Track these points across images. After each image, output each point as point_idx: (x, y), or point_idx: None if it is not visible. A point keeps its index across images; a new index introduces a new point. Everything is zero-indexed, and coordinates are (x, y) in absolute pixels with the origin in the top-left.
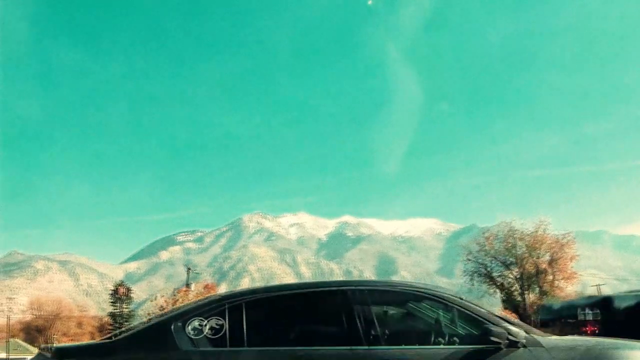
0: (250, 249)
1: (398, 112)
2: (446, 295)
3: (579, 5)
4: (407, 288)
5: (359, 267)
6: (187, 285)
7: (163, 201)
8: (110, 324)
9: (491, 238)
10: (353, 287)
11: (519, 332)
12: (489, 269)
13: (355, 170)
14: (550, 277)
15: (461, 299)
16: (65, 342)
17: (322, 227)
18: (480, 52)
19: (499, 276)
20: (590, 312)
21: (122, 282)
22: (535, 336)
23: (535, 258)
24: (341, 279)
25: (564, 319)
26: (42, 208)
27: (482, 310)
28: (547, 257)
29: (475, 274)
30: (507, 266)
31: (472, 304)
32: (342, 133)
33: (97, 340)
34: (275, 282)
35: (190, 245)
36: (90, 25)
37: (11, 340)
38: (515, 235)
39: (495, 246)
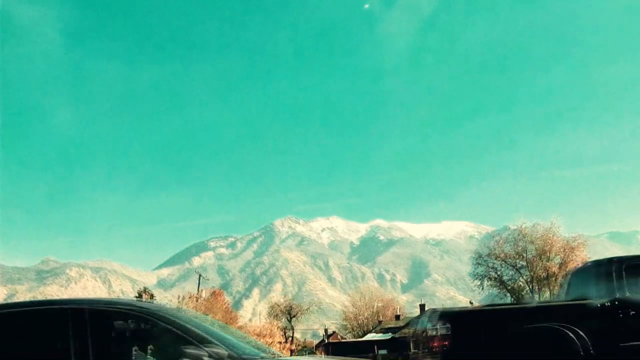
0: (283, 253)
1: (425, 115)
2: (160, 314)
3: None
4: (124, 307)
5: (391, 271)
6: (199, 291)
7: (196, 207)
8: None
9: (501, 242)
10: (71, 306)
11: (220, 353)
12: (499, 272)
13: (386, 174)
14: (562, 281)
15: (178, 317)
16: None
17: (354, 231)
18: (498, 50)
19: (510, 280)
20: (442, 325)
21: (146, 288)
22: (246, 357)
23: (545, 261)
24: (374, 282)
25: (418, 332)
26: (76, 215)
27: (192, 329)
28: (557, 261)
29: (486, 278)
30: (517, 270)
31: (185, 322)
32: (372, 137)
33: None
34: (308, 286)
35: (223, 250)
36: (120, 35)
37: None
38: (525, 239)
39: (506, 250)
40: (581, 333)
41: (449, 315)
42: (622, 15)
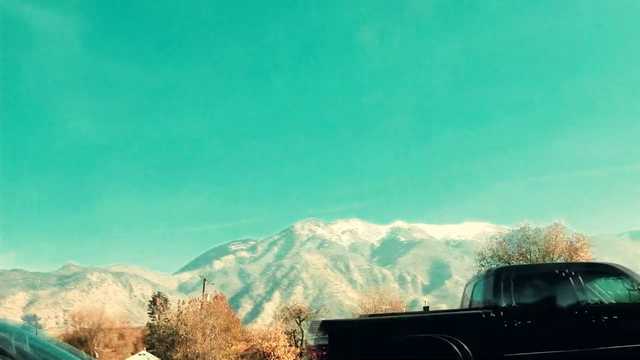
0: (303, 256)
1: (444, 116)
2: None
3: None
4: None
5: (411, 273)
6: (203, 295)
7: (216, 211)
8: (149, 335)
9: (504, 243)
10: None
11: None
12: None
13: (406, 175)
14: None
15: None
16: (107, 354)
17: (374, 233)
18: (511, 53)
19: None
20: (322, 336)
21: (160, 293)
22: None
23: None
24: (395, 284)
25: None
26: (97, 220)
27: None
28: (561, 261)
29: None
30: None
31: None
32: (390, 139)
33: None
34: (329, 289)
35: (244, 254)
36: (139, 39)
37: None
38: (528, 240)
39: (509, 251)
40: (463, 343)
41: (327, 326)
42: (629, 16)
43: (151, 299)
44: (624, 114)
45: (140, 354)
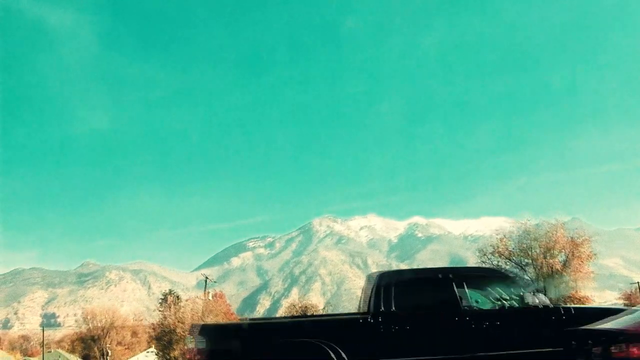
0: (321, 253)
1: (459, 112)
2: None
3: None
4: None
5: None
6: (205, 293)
7: (234, 208)
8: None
9: (504, 240)
10: None
11: None
12: (503, 271)
13: (423, 171)
14: (567, 278)
15: None
16: (119, 351)
17: (392, 228)
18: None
19: None
20: (200, 340)
21: (172, 291)
22: None
23: (550, 259)
24: None
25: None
26: (115, 218)
27: None
28: (562, 257)
29: None
30: (522, 267)
31: None
32: (408, 135)
33: None
34: (347, 285)
35: (261, 250)
36: (154, 38)
37: (53, 350)
38: (530, 237)
39: (510, 247)
40: (339, 349)
41: (205, 330)
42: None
43: (162, 297)
44: None
45: (148, 352)
